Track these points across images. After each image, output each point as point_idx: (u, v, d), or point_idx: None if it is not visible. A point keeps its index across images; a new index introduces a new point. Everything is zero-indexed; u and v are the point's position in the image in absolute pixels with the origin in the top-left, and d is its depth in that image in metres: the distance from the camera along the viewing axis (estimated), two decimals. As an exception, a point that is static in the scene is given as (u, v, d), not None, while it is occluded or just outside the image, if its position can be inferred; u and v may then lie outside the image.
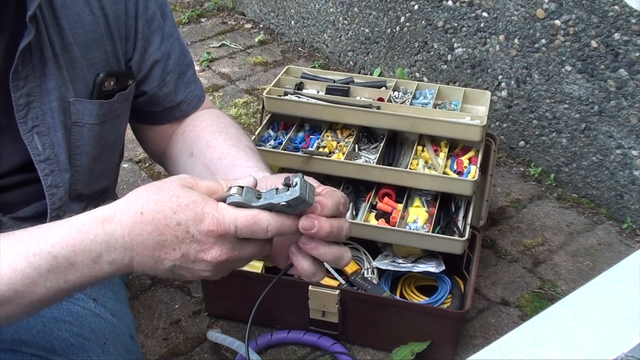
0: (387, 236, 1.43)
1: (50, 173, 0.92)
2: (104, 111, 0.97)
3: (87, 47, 0.92)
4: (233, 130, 1.08)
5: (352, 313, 1.39)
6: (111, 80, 0.96)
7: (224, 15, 2.96)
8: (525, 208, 1.86)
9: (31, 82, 0.87)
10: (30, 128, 0.88)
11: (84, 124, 0.95)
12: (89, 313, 1.09)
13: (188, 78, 1.09)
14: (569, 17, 1.74)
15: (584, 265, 1.67)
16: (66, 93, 0.91)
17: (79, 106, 0.93)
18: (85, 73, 0.93)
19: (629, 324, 0.74)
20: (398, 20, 2.24)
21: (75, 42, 0.91)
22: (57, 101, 0.90)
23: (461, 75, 2.10)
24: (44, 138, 0.90)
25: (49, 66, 0.88)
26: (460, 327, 1.39)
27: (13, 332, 1.02)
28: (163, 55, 1.04)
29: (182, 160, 1.07)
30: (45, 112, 0.89)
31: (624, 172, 1.75)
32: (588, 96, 1.77)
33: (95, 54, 0.94)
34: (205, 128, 1.07)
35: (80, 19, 0.91)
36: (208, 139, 1.04)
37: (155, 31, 1.02)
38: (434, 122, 1.48)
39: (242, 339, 1.39)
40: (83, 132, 0.95)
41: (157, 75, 1.04)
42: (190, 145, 1.06)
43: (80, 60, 0.92)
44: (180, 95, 1.09)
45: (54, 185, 0.93)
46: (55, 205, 0.94)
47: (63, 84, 0.90)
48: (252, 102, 2.32)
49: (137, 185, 1.92)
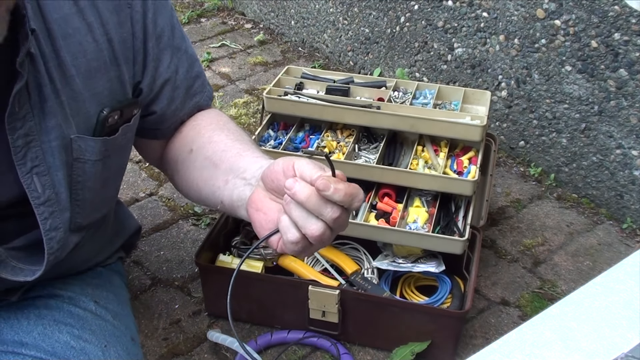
0: (387, 236, 1.43)
1: (49, 216, 0.88)
2: (107, 147, 0.94)
3: (90, 77, 0.89)
4: (233, 127, 1.07)
5: (352, 313, 1.39)
6: (115, 114, 0.93)
7: (224, 15, 2.96)
8: (525, 208, 1.86)
9: (29, 121, 0.83)
10: (29, 169, 0.85)
11: (87, 161, 0.92)
12: (90, 315, 1.09)
13: (195, 89, 1.07)
14: (569, 17, 1.74)
15: (584, 265, 1.67)
16: (68, 130, 0.88)
17: (81, 143, 0.90)
18: (88, 105, 0.90)
19: (629, 324, 0.74)
20: (398, 20, 2.24)
21: (77, 73, 0.87)
22: (57, 140, 0.86)
23: (461, 75, 2.10)
24: (43, 178, 0.87)
25: (48, 104, 0.85)
26: (460, 327, 1.39)
27: (14, 334, 1.02)
28: (173, 73, 1.01)
29: (180, 158, 1.05)
30: (45, 151, 0.86)
31: (624, 172, 1.75)
32: (588, 96, 1.77)
33: (98, 83, 0.91)
34: (206, 126, 1.06)
35: (83, 48, 0.88)
36: (210, 135, 1.02)
37: (165, 48, 0.99)
38: (434, 122, 1.48)
39: (242, 339, 1.39)
40: (85, 168, 0.92)
41: (167, 93, 1.02)
42: (190, 142, 1.04)
43: (82, 91, 0.88)
44: (187, 108, 1.07)
45: (53, 228, 0.90)
46: (53, 249, 0.91)
47: (64, 120, 0.87)
48: (252, 102, 2.32)
49: (137, 185, 1.92)
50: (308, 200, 0.74)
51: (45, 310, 1.05)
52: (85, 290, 1.13)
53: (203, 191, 1.01)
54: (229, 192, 0.92)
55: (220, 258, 1.48)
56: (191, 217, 1.80)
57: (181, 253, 1.68)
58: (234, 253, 1.49)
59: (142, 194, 1.89)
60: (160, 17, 0.97)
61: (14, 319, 1.03)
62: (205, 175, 0.99)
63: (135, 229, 1.42)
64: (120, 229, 1.33)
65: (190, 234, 1.74)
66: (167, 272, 1.63)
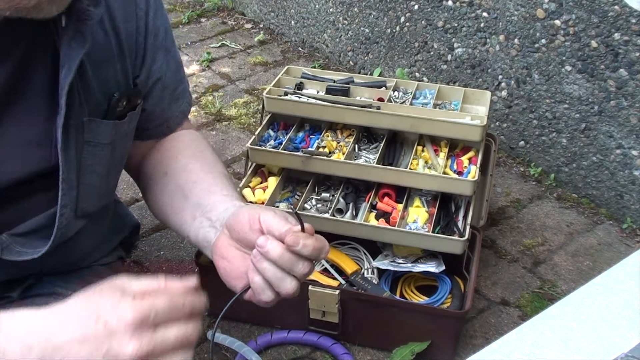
0: (387, 236, 1.43)
1: (67, 192, 0.90)
2: (117, 131, 0.96)
3: (99, 67, 0.92)
4: (209, 155, 1.09)
5: (352, 313, 1.39)
6: (124, 101, 0.96)
7: (224, 15, 2.95)
8: (525, 208, 1.86)
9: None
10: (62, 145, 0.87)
11: (97, 144, 0.94)
12: None
13: (178, 93, 1.09)
14: (569, 17, 1.74)
15: (584, 265, 1.67)
16: (81, 112, 0.90)
17: (94, 126, 0.92)
18: (97, 93, 0.92)
19: (629, 324, 0.74)
20: (398, 20, 2.24)
21: (88, 61, 0.89)
22: (73, 119, 0.88)
23: (461, 75, 2.10)
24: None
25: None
26: (460, 327, 1.39)
27: None
28: (164, 72, 1.04)
29: (154, 177, 1.08)
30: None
31: (624, 172, 1.75)
32: (588, 96, 1.77)
33: (107, 73, 0.93)
34: (183, 150, 1.08)
35: (94, 39, 0.89)
36: (185, 162, 1.05)
37: (159, 48, 1.02)
38: (434, 122, 1.48)
39: (242, 339, 1.39)
40: (95, 151, 0.94)
41: (157, 92, 1.04)
42: (165, 165, 1.06)
43: (92, 80, 0.91)
44: (171, 110, 1.09)
45: (64, 205, 0.91)
46: (62, 225, 0.92)
47: (79, 103, 0.89)
48: (252, 102, 2.32)
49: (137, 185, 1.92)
50: (280, 258, 0.79)
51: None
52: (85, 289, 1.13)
53: (171, 219, 1.04)
54: (194, 230, 0.96)
55: (220, 258, 1.48)
56: (191, 217, 1.80)
57: (181, 253, 1.68)
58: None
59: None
60: (159, 17, 1.01)
61: None
62: (175, 205, 1.02)
63: (134, 226, 1.43)
64: (119, 225, 1.34)
65: (190, 234, 1.74)
66: (167, 272, 1.62)
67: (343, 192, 1.53)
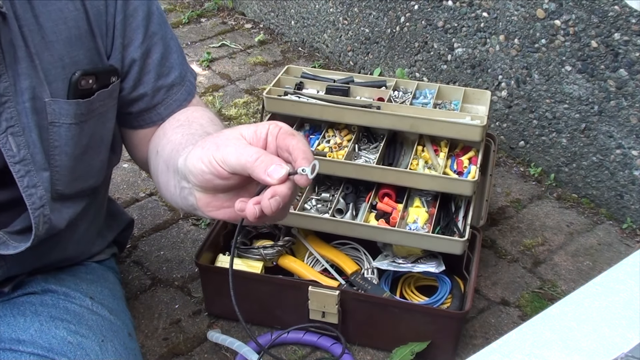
0: (387, 236, 1.43)
1: (26, 174, 0.90)
2: (82, 110, 0.95)
3: (70, 44, 0.91)
4: (196, 119, 1.02)
5: (352, 313, 1.39)
6: (89, 79, 0.94)
7: (224, 15, 2.95)
8: (525, 208, 1.86)
9: (4, 82, 0.86)
10: (4, 129, 0.87)
11: (62, 124, 0.93)
12: (86, 311, 1.09)
13: (172, 80, 1.06)
14: (569, 17, 1.74)
15: (584, 265, 1.67)
16: (42, 93, 0.89)
17: (55, 106, 0.91)
18: (67, 71, 0.92)
19: (629, 324, 0.74)
20: (398, 20, 2.24)
21: (58, 39, 0.89)
22: (30, 101, 0.88)
23: (461, 75, 2.10)
24: (19, 138, 0.89)
25: (22, 65, 0.87)
26: (460, 327, 1.39)
27: (10, 332, 1.02)
28: (142, 55, 1.01)
29: (151, 159, 1.05)
30: (20, 112, 0.88)
31: (624, 172, 1.75)
32: (588, 96, 1.77)
33: (79, 51, 0.93)
34: (172, 124, 1.04)
35: (64, 15, 0.90)
36: (170, 135, 1.00)
37: (136, 29, 0.99)
38: (434, 122, 1.48)
39: (242, 339, 1.39)
40: (61, 132, 0.93)
41: (133, 74, 1.02)
42: (157, 143, 1.03)
43: (64, 58, 0.91)
44: (158, 97, 1.06)
45: (31, 185, 0.91)
46: (35, 205, 0.92)
47: (38, 84, 0.89)
48: (252, 102, 2.32)
49: (137, 185, 1.92)
50: (261, 219, 0.72)
51: (41, 307, 1.06)
52: (79, 286, 1.13)
53: (167, 197, 0.97)
54: (181, 200, 0.87)
55: (220, 258, 1.48)
56: (191, 217, 1.80)
57: (181, 253, 1.68)
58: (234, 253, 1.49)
59: (142, 194, 1.89)
60: None
61: (9, 316, 1.04)
62: (163, 180, 0.95)
63: (128, 222, 1.43)
64: (112, 221, 1.34)
65: (191, 234, 1.74)
66: (167, 272, 1.63)
67: (343, 192, 1.53)
